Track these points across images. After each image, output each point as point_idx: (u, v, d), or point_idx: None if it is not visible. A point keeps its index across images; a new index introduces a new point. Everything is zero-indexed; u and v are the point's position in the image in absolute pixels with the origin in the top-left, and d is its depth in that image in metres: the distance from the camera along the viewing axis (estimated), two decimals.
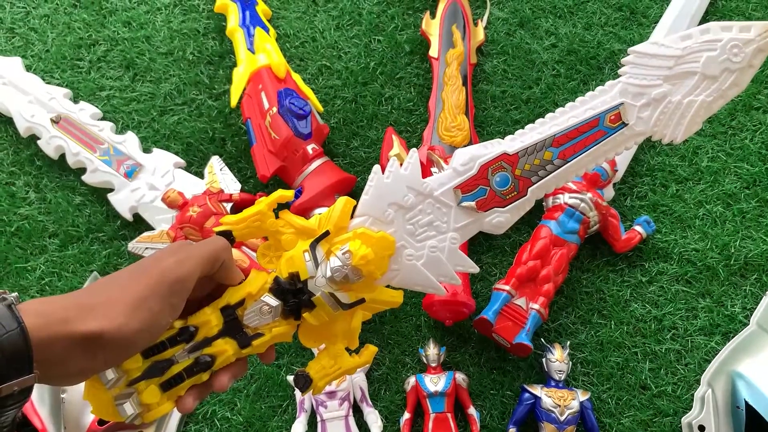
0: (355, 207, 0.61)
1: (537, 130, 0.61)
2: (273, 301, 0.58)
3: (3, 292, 0.47)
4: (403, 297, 0.61)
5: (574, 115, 0.61)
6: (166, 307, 0.52)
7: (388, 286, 0.61)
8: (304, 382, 0.60)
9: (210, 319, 0.57)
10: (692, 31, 0.58)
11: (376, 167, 0.61)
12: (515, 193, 0.61)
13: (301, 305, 0.58)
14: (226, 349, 0.57)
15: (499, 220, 0.62)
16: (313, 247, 0.58)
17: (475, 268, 0.62)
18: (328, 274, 0.57)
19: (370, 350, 0.63)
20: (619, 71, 0.61)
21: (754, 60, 0.57)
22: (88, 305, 0.48)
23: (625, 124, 0.60)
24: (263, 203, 0.59)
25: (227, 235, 0.58)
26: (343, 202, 0.60)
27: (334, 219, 0.59)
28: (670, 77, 0.59)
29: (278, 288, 0.58)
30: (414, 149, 0.62)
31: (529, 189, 0.61)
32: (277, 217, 0.60)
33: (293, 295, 0.58)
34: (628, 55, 0.60)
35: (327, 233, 0.59)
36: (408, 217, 0.61)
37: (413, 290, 0.62)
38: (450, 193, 0.61)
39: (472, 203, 0.61)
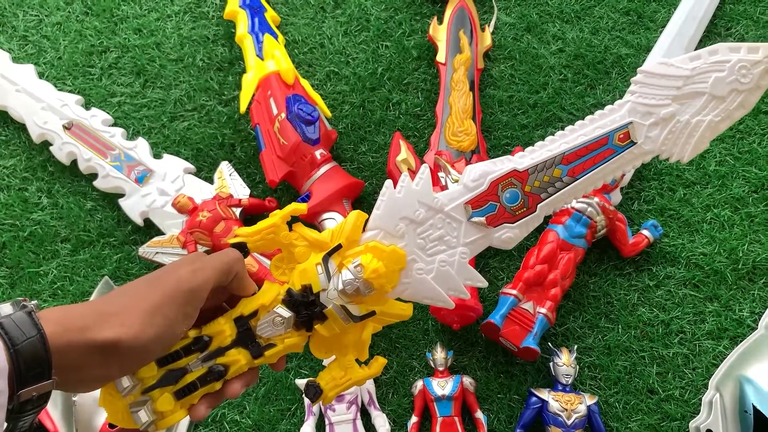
0: (366, 220, 0.61)
1: (547, 148, 0.61)
2: (285, 313, 0.58)
3: (23, 300, 0.48)
4: (412, 310, 0.61)
5: (584, 134, 0.60)
6: (181, 315, 0.52)
7: (398, 299, 0.61)
8: (315, 393, 0.60)
9: (224, 329, 0.57)
10: (701, 52, 0.58)
11: (388, 182, 0.61)
12: (525, 209, 0.61)
13: (313, 317, 0.58)
14: (239, 358, 0.57)
15: (509, 235, 0.61)
16: (325, 260, 0.58)
17: (483, 283, 0.62)
18: (340, 286, 0.57)
19: (380, 362, 0.63)
20: (628, 90, 0.60)
21: (761, 81, 0.57)
22: (106, 313, 0.49)
23: (633, 143, 0.60)
24: (277, 216, 0.59)
25: (241, 246, 0.58)
26: (355, 215, 0.60)
27: (346, 232, 0.59)
28: (679, 97, 0.58)
29: (291, 300, 0.58)
30: (425, 164, 0.62)
31: (539, 205, 0.61)
32: (290, 229, 0.60)
33: (305, 307, 0.58)
34: (638, 74, 0.59)
35: (339, 246, 0.59)
36: (419, 232, 0.60)
37: (422, 303, 0.62)
38: (460, 209, 0.61)
39: (482, 219, 0.61)
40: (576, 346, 0.94)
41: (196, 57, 1.12)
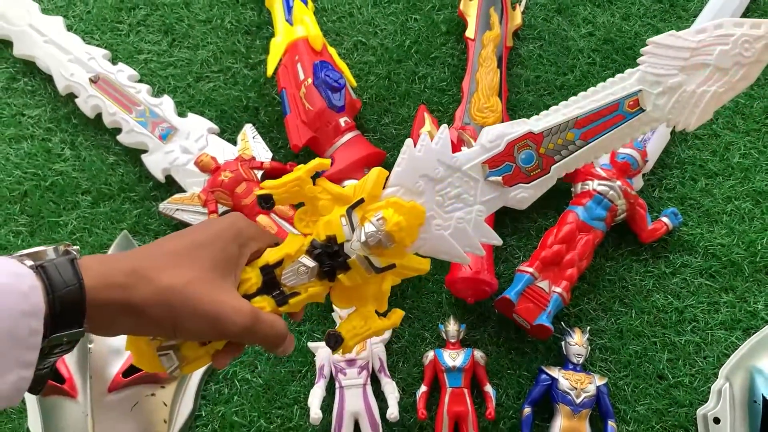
0: (387, 178, 0.65)
1: (561, 112, 0.66)
2: (310, 262, 0.61)
3: (67, 245, 0.51)
4: (430, 265, 0.65)
5: (596, 99, 0.66)
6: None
7: (416, 254, 0.65)
8: (336, 341, 0.64)
9: (250, 276, 0.61)
10: (707, 26, 0.63)
11: (409, 141, 0.65)
12: (539, 170, 0.66)
13: (337, 267, 0.62)
14: (264, 306, 0.61)
15: (523, 195, 0.66)
16: (349, 212, 0.62)
17: (498, 241, 0.67)
18: (363, 238, 0.60)
19: (398, 314, 0.67)
20: (638, 60, 0.65)
21: (762, 55, 0.62)
22: (146, 276, 0.52)
23: (642, 110, 0.65)
24: (302, 170, 0.63)
25: (267, 198, 0.62)
26: (377, 172, 0.64)
27: (368, 188, 0.63)
28: (686, 68, 0.63)
29: (315, 250, 0.62)
30: (444, 125, 0.66)
31: (552, 167, 0.66)
32: (314, 184, 0.64)
33: (329, 257, 0.62)
34: (648, 45, 0.64)
35: (362, 200, 0.63)
36: (437, 189, 0.65)
37: (439, 258, 0.66)
38: (478, 168, 0.66)
39: (499, 178, 0.66)
40: (588, 328, 0.98)
41: (225, 19, 1.17)
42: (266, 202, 0.62)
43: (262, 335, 0.58)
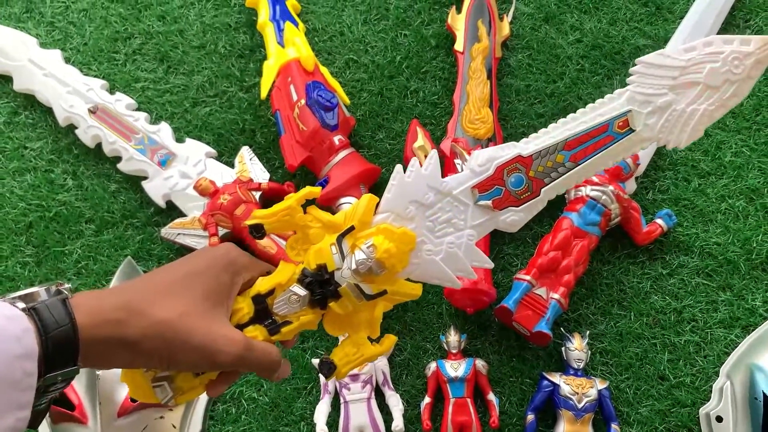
0: (378, 204, 0.65)
1: (550, 134, 0.66)
2: (301, 291, 0.62)
3: (58, 285, 0.51)
4: (422, 290, 0.66)
5: (585, 121, 0.65)
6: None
7: (408, 279, 0.65)
8: (329, 369, 0.64)
9: (242, 306, 0.62)
10: (696, 44, 0.62)
11: (398, 167, 0.65)
12: (529, 193, 0.66)
13: (328, 295, 0.62)
14: (256, 335, 0.61)
15: (513, 218, 0.66)
16: (339, 240, 0.62)
17: (489, 264, 0.67)
18: (353, 266, 0.61)
19: (391, 340, 0.67)
20: (627, 80, 0.64)
21: (753, 71, 0.61)
22: (138, 310, 0.52)
23: (632, 130, 0.64)
24: (293, 199, 0.63)
25: (258, 227, 0.63)
26: (367, 199, 0.64)
27: (358, 215, 0.63)
28: (675, 87, 0.63)
29: (306, 279, 0.62)
30: (434, 150, 0.66)
31: (542, 189, 0.66)
32: (305, 212, 0.64)
33: (320, 286, 0.62)
34: (636, 65, 0.64)
35: (352, 228, 0.63)
36: (428, 215, 0.65)
37: (431, 283, 0.66)
38: (468, 193, 0.65)
39: (489, 202, 0.65)
40: (588, 332, 0.99)
41: (218, 44, 1.18)
42: (257, 232, 0.63)
43: (255, 363, 0.58)
